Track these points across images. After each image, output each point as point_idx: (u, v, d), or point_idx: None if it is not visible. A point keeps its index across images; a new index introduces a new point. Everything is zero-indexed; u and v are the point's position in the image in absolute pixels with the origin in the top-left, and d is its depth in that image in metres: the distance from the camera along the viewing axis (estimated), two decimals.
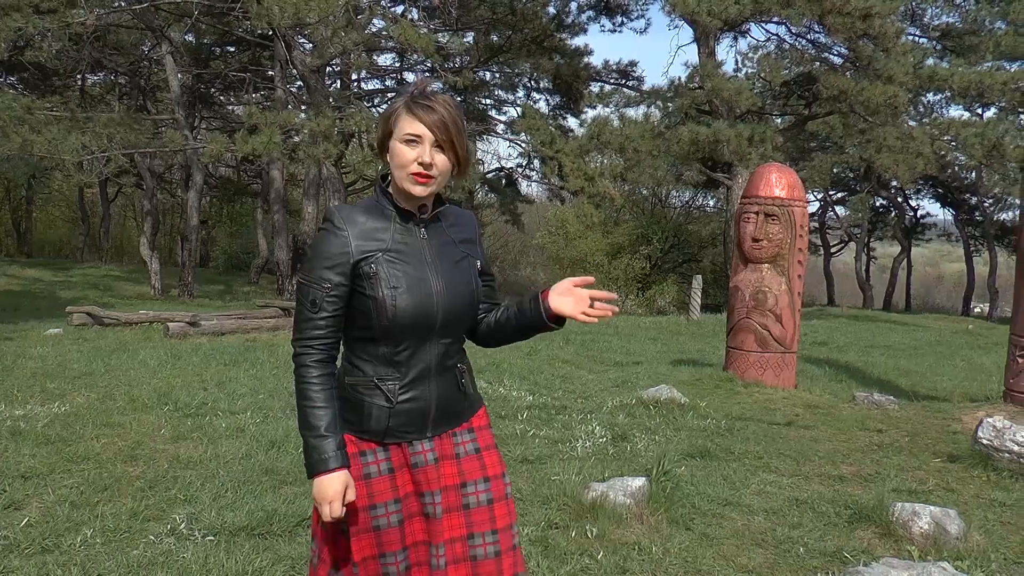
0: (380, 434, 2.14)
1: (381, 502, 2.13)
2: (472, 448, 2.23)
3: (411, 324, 2.09)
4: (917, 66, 17.97)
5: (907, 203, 35.34)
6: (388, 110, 2.15)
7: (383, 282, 2.07)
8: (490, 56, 22.14)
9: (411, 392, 2.13)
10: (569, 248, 23.57)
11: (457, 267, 2.17)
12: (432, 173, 2.07)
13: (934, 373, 11.33)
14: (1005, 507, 4.85)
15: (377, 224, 2.12)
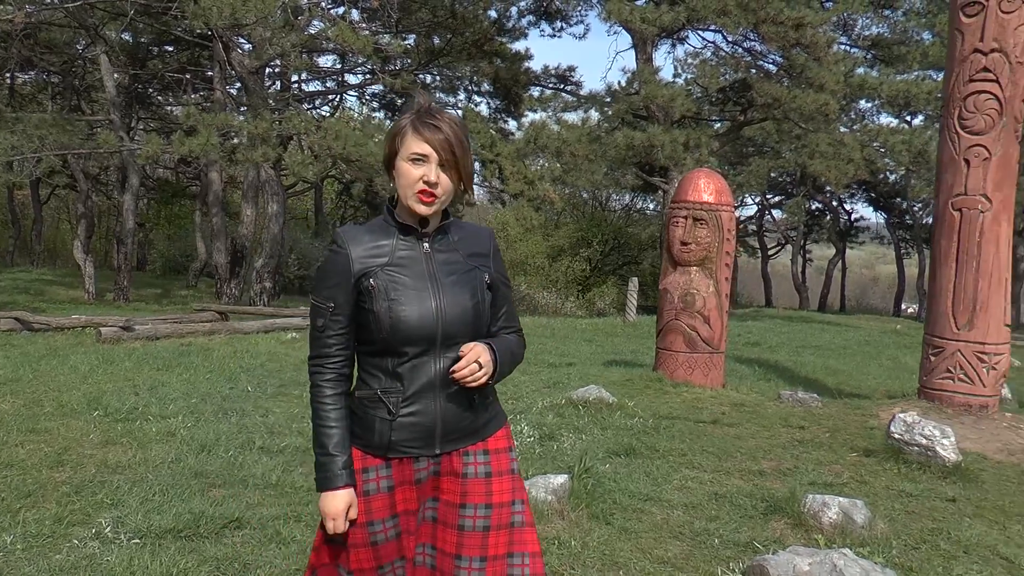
0: (383, 448, 2.15)
1: (379, 519, 2.15)
2: (483, 471, 2.20)
3: (409, 336, 2.10)
4: (848, 75, 18.48)
5: (841, 207, 36.23)
6: (394, 128, 2.17)
7: (380, 295, 2.10)
8: (430, 59, 22.16)
9: (414, 406, 2.13)
10: (510, 251, 23.67)
11: (460, 280, 2.17)
12: (437, 192, 2.09)
13: (860, 372, 11.67)
14: (912, 497, 5.08)
15: (380, 240, 2.15)
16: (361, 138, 16.27)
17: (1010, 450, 6.49)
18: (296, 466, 5.22)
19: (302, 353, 10.71)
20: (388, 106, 28.29)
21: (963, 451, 6.11)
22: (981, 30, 6.96)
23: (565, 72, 23.02)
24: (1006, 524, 4.76)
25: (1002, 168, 7.06)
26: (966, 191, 7.12)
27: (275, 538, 4.00)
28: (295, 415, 6.71)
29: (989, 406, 7.17)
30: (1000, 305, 7.18)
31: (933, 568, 3.94)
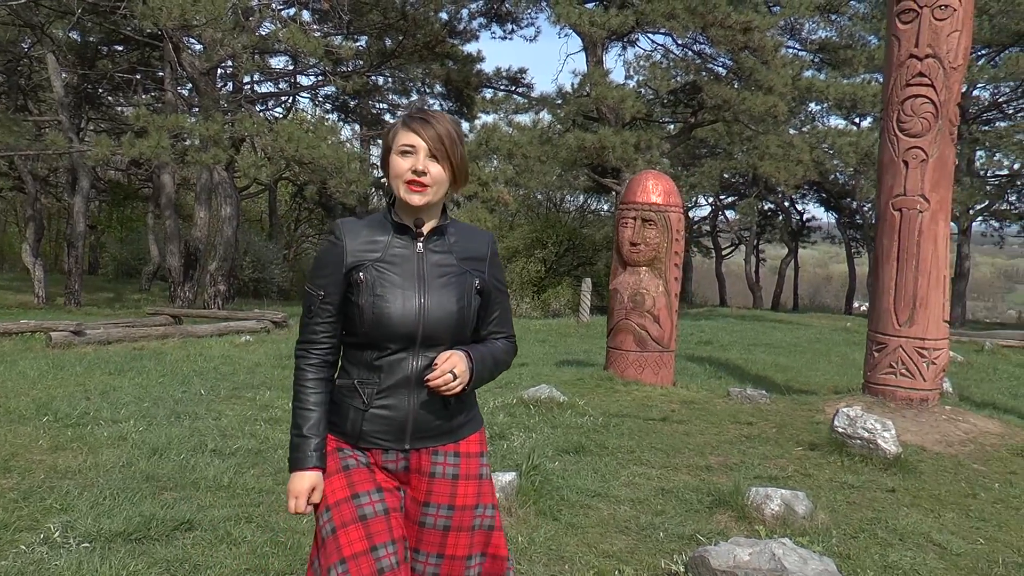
0: (355, 437, 2.20)
1: (363, 490, 2.16)
2: (451, 473, 2.23)
3: (390, 333, 2.14)
4: (796, 78, 18.81)
5: (793, 207, 36.82)
6: (387, 128, 2.24)
7: (367, 289, 2.14)
8: (382, 60, 22.12)
9: (387, 399, 2.17)
10: None
11: (449, 283, 2.20)
12: (426, 181, 2.13)
13: (810, 368, 11.91)
14: (853, 488, 5.24)
15: (376, 236, 2.20)
16: (313, 140, 16.23)
17: (948, 442, 6.70)
18: (248, 468, 5.23)
19: (256, 356, 10.68)
20: (341, 108, 28.19)
21: (904, 443, 6.30)
22: (916, 36, 7.17)
23: (516, 74, 23.15)
24: (941, 512, 4.93)
25: (939, 169, 7.28)
26: (905, 192, 7.32)
27: (226, 539, 4.02)
28: (248, 418, 6.71)
29: (929, 400, 7.38)
30: (939, 302, 7.39)
31: (870, 555, 4.08)
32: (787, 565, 3.32)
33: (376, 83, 25.90)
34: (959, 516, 4.91)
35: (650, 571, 3.70)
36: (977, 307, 71.69)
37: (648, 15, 16.87)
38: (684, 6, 16.38)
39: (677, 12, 16.42)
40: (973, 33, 21.44)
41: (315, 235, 34.01)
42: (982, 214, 30.56)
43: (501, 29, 23.12)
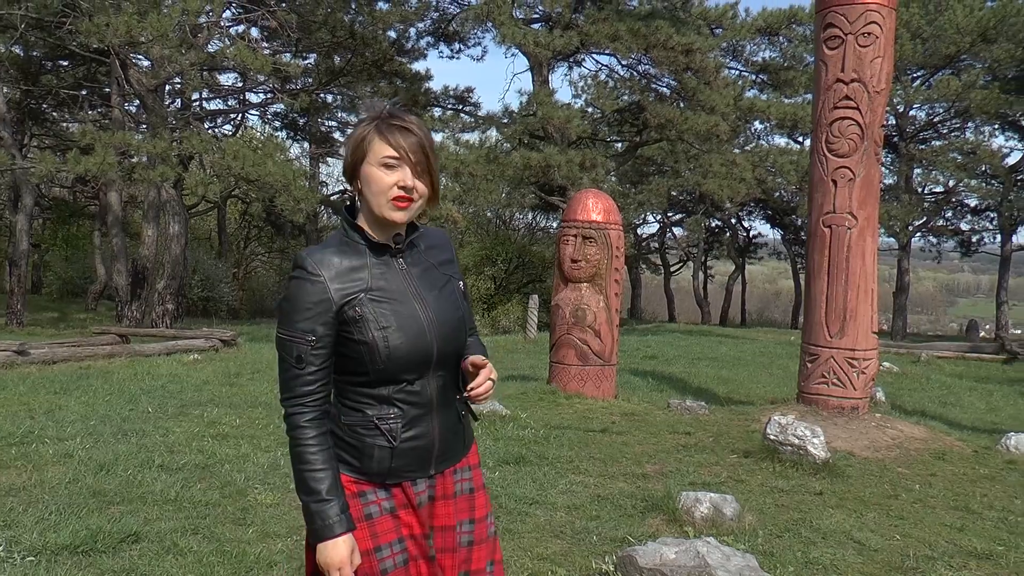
0: (383, 475, 2.02)
1: (386, 543, 2.01)
2: (468, 488, 2.15)
3: (407, 362, 1.98)
4: (738, 98, 19.33)
5: (739, 224, 37.51)
6: (356, 135, 2.01)
7: (371, 324, 1.95)
8: (331, 78, 22.25)
9: (414, 430, 2.01)
10: None
11: (443, 293, 2.07)
12: (414, 197, 1.98)
13: (751, 381, 12.23)
14: (783, 492, 5.48)
15: (353, 263, 1.99)
16: (261, 158, 16.27)
17: (876, 447, 7.00)
18: (195, 482, 5.31)
19: (204, 374, 10.68)
20: (290, 126, 28.20)
21: (833, 449, 6.58)
22: (842, 61, 7.52)
23: (463, 93, 23.38)
24: (863, 512, 5.19)
25: (865, 188, 7.62)
26: (835, 209, 7.65)
27: (172, 550, 4.11)
28: (196, 434, 6.75)
29: (860, 408, 7.69)
30: (867, 314, 7.71)
31: (792, 552, 4.30)
32: (710, 561, 3.52)
33: (325, 101, 25.97)
34: (880, 515, 5.18)
35: (582, 572, 3.88)
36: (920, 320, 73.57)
37: (592, 36, 17.25)
38: (627, 28, 16.77)
39: (621, 34, 16.80)
40: (908, 56, 22.25)
41: (264, 253, 33.84)
42: (920, 230, 31.42)
43: (448, 48, 23.40)
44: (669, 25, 17.09)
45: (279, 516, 4.74)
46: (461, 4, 21.52)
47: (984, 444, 7.62)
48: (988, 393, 12.82)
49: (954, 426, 8.81)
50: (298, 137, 29.01)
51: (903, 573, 4.21)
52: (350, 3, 20.35)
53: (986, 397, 12.34)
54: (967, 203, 32.26)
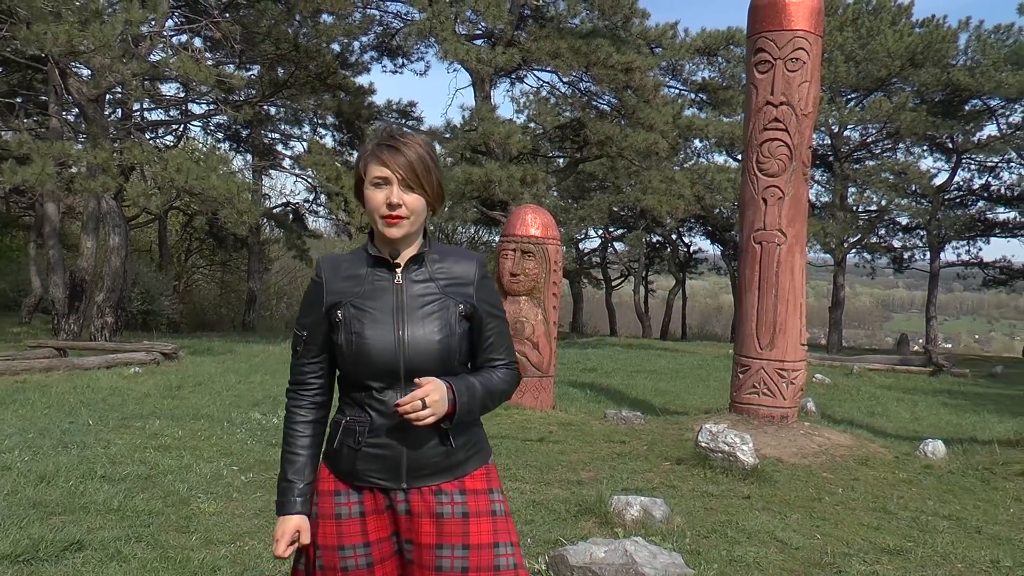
0: (349, 475, 2.14)
1: (349, 544, 2.12)
2: (460, 512, 2.13)
3: (371, 370, 2.08)
4: (677, 116, 19.76)
5: (680, 240, 38.12)
6: (358, 157, 2.16)
7: (344, 327, 2.10)
8: (275, 91, 22.16)
9: (378, 438, 2.10)
10: None
11: (429, 313, 2.12)
12: (402, 213, 2.07)
13: (688, 392, 12.53)
14: (713, 496, 5.72)
15: (356, 271, 2.14)
16: (203, 170, 16.16)
17: (803, 454, 7.30)
18: (138, 492, 5.36)
19: (145, 387, 10.63)
20: (233, 137, 27.99)
21: (763, 456, 6.86)
22: (771, 85, 7.86)
23: (406, 107, 23.46)
24: (788, 514, 5.46)
25: (794, 206, 7.96)
26: (765, 226, 7.97)
27: (116, 557, 4.18)
28: (138, 446, 6.78)
29: (789, 417, 8.01)
30: (796, 327, 8.04)
31: (717, 551, 4.53)
32: (637, 560, 3.72)
33: (268, 113, 25.85)
34: (803, 517, 5.44)
35: None
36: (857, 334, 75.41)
37: (534, 53, 17.54)
38: (568, 46, 17.09)
39: (561, 51, 17.11)
40: (843, 78, 22.92)
41: (206, 266, 33.42)
42: (855, 247, 32.31)
43: (392, 63, 23.47)
44: (609, 44, 17.44)
45: (223, 523, 4.82)
46: (405, 19, 21.69)
47: (905, 451, 7.99)
48: (913, 403, 13.33)
49: (879, 434, 9.19)
50: (241, 149, 28.81)
51: (821, 569, 4.46)
52: (294, 15, 20.33)
53: (911, 407, 12.82)
54: (899, 221, 33.27)
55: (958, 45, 27.69)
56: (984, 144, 29.23)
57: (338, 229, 28.14)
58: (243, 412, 8.53)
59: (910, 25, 28.13)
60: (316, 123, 26.33)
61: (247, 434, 7.41)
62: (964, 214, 32.03)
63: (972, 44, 27.89)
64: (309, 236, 27.20)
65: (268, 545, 4.39)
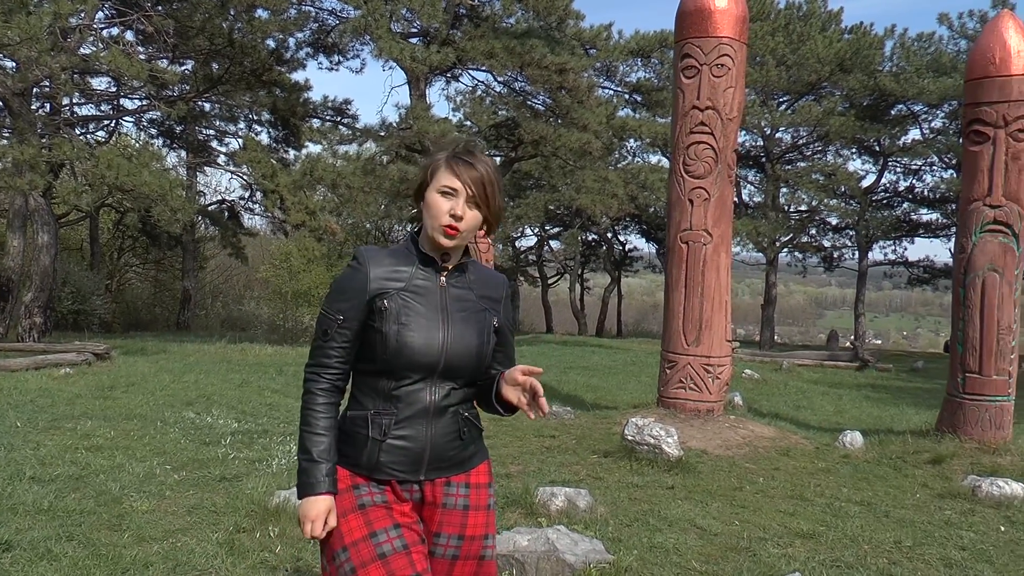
0: (370, 468, 2.18)
1: (381, 528, 2.15)
2: (462, 504, 2.25)
3: (412, 362, 2.15)
4: (610, 117, 20.06)
5: (615, 238, 38.56)
6: (428, 161, 2.25)
7: (392, 317, 2.15)
8: (209, 87, 21.87)
9: (405, 430, 2.17)
10: (294, 282, 23.60)
11: (470, 318, 2.22)
12: (460, 227, 2.15)
13: (619, 388, 12.79)
14: (637, 487, 5.93)
15: (400, 266, 2.21)
16: (135, 167, 15.93)
17: (727, 445, 7.57)
18: (69, 493, 5.35)
19: (76, 388, 10.48)
20: (167, 133, 27.49)
21: (688, 448, 7.10)
22: (698, 90, 8.12)
23: (342, 105, 23.32)
24: (709, 503, 5.69)
25: (719, 207, 8.23)
26: (691, 227, 8.23)
27: (46, 555, 4.20)
28: (68, 447, 6.73)
29: (715, 410, 8.28)
30: (722, 324, 8.31)
31: (639, 538, 4.73)
32: (559, 546, 3.89)
33: (203, 109, 25.47)
34: (724, 505, 5.68)
35: None
36: (792, 331, 77.03)
37: (469, 52, 17.64)
38: (503, 46, 17.23)
39: (496, 51, 17.24)
40: (775, 82, 23.42)
41: (140, 265, 32.79)
42: (787, 246, 33.07)
43: (328, 60, 23.32)
44: (544, 44, 17.64)
45: (155, 521, 4.86)
46: (340, 16, 21.57)
47: (825, 442, 8.33)
48: (838, 397, 13.81)
49: (803, 427, 9.53)
50: (175, 145, 28.34)
51: (737, 553, 4.68)
52: (228, 10, 20.09)
53: (836, 401, 13.28)
54: (829, 221, 34.11)
55: (884, 52, 28.57)
56: (909, 148, 30.16)
57: (274, 227, 27.88)
58: (176, 411, 8.51)
59: (839, 31, 28.92)
60: (252, 120, 26.02)
61: (180, 433, 7.41)
62: (890, 215, 32.98)
63: (897, 51, 28.82)
64: (245, 234, 26.89)
65: (202, 542, 4.45)
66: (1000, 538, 5.31)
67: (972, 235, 7.92)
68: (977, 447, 7.70)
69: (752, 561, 4.52)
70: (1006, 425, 7.88)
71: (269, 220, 26.31)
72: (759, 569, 4.27)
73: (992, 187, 7.80)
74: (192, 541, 4.51)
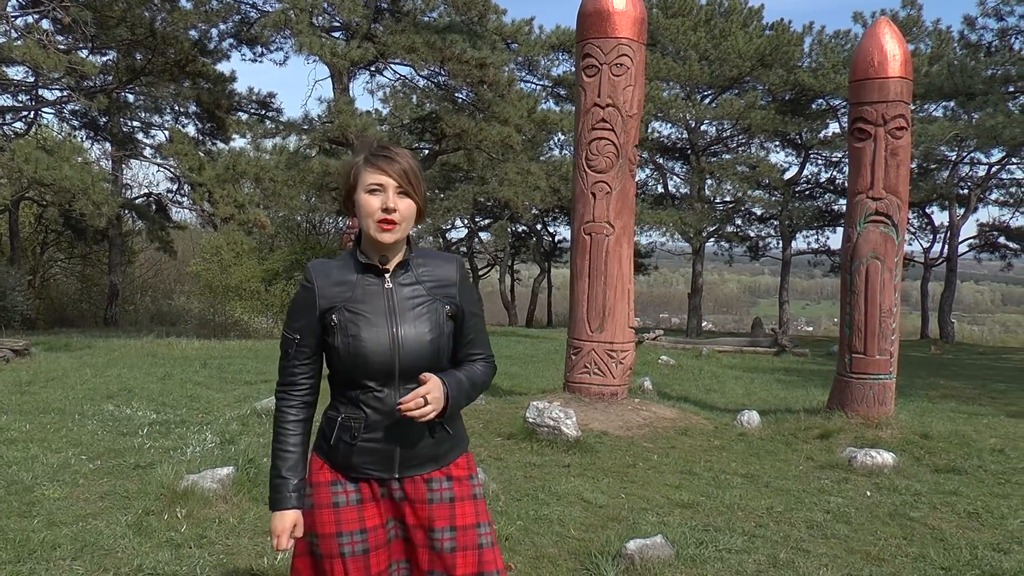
0: (344, 468, 2.30)
1: (347, 531, 2.28)
2: (447, 496, 2.34)
3: (368, 370, 2.23)
4: (531, 110, 20.39)
5: (545, 229, 39.04)
6: (347, 166, 2.32)
7: (341, 330, 2.23)
8: (132, 78, 21.62)
9: (373, 433, 2.27)
10: (225, 276, 23.49)
11: (420, 314, 2.28)
12: (396, 219, 2.22)
13: (537, 376, 13.16)
14: (535, 466, 6.29)
15: (346, 276, 2.28)
16: (56, 161, 15.77)
17: (628, 427, 7.97)
18: None
19: None
20: (90, 125, 27.03)
21: (589, 430, 7.48)
22: (599, 88, 8.48)
23: (266, 98, 23.27)
24: (600, 479, 6.07)
25: (621, 200, 8.61)
26: (594, 219, 8.60)
27: None
28: None
29: (619, 394, 8.68)
30: (624, 311, 8.71)
31: (526, 511, 5.08)
32: None
33: (126, 100, 25.12)
34: (615, 481, 6.07)
35: None
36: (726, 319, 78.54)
37: (390, 47, 17.79)
38: (424, 41, 17.43)
39: (417, 46, 17.43)
40: (698, 77, 24.00)
41: (64, 259, 32.15)
42: (713, 236, 33.86)
43: (251, 51, 23.20)
44: (464, 39, 17.87)
45: (66, 507, 5.01)
46: (261, 9, 21.49)
47: (724, 421, 8.79)
48: (750, 381, 14.36)
49: (709, 408, 9.98)
50: (98, 137, 27.86)
51: (618, 523, 5.06)
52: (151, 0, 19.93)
53: (747, 384, 13.82)
54: (753, 212, 35.02)
55: (803, 48, 29.45)
56: (828, 141, 31.10)
57: (203, 220, 27.61)
58: (96, 404, 8.59)
59: (760, 28, 29.73)
60: (178, 112, 25.74)
61: (98, 425, 7.52)
62: (812, 206, 34.02)
63: (815, 48, 29.74)
64: (173, 227, 26.61)
65: (111, 524, 4.64)
66: (864, 502, 5.80)
67: (857, 225, 8.45)
68: (862, 422, 8.23)
69: (629, 529, 4.89)
70: (888, 401, 8.44)
71: (198, 214, 26.05)
72: (630, 534, 4.64)
73: (874, 181, 8.33)
74: (102, 524, 4.68)
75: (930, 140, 24.03)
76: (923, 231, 35.34)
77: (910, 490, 6.17)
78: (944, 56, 26.89)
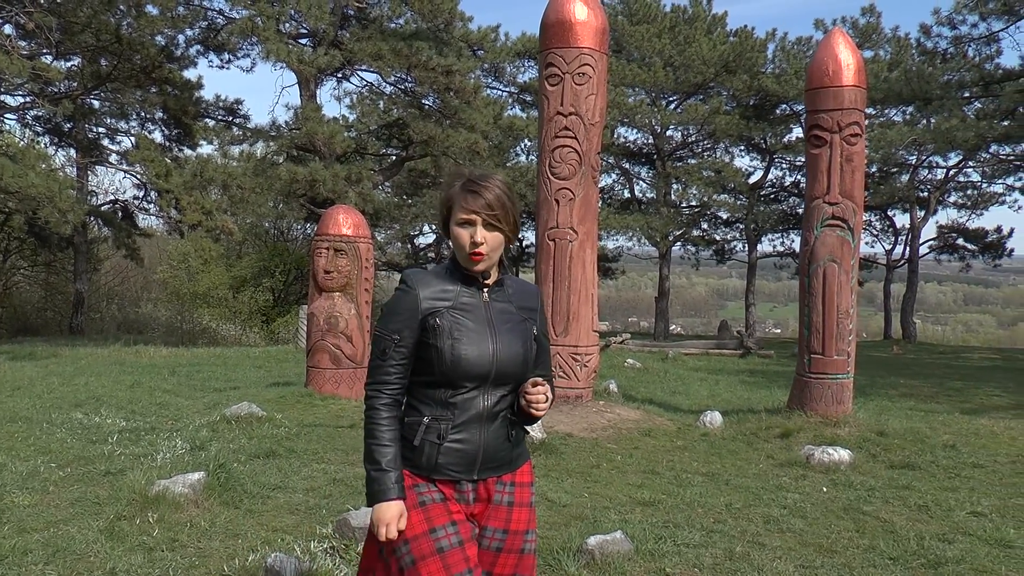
0: (430, 469, 2.39)
1: (440, 524, 2.35)
2: (507, 500, 2.45)
3: (468, 372, 2.36)
4: (497, 117, 20.54)
5: None
6: (445, 196, 2.46)
7: (445, 333, 2.36)
8: (97, 84, 21.48)
9: (461, 434, 2.38)
10: (192, 283, 23.40)
11: (514, 329, 2.45)
12: (483, 251, 2.37)
13: None
14: None
15: (445, 285, 2.42)
16: (21, 169, 15.67)
17: (592, 428, 8.14)
18: None
19: None
20: (55, 131, 26.80)
21: (554, 432, 7.64)
22: (561, 97, 8.66)
23: (233, 104, 23.21)
24: (564, 479, 6.22)
25: (584, 207, 8.78)
26: (558, 225, 8.77)
27: None
28: None
29: (584, 396, 8.84)
30: (588, 315, 8.88)
31: None
32: None
33: (92, 107, 24.93)
34: (578, 481, 6.22)
35: (307, 536, 4.58)
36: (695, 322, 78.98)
37: (357, 54, 17.90)
38: (390, 48, 17.53)
39: (383, 53, 17.54)
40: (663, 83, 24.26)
41: (28, 267, 31.73)
42: (679, 240, 34.16)
43: (218, 58, 23.16)
44: (431, 46, 18.00)
45: (37, 514, 5.04)
46: (228, 17, 21.47)
47: (688, 422, 8.98)
48: (715, 382, 14.60)
49: (673, 410, 10.18)
50: (63, 144, 27.61)
51: (580, 520, 5.21)
52: (117, 5, 19.79)
53: (712, 386, 14.06)
54: (719, 216, 35.34)
55: (767, 54, 29.87)
56: (792, 146, 31.52)
57: (170, 227, 27.45)
58: (64, 413, 8.60)
59: (724, 34, 30.10)
60: (144, 118, 25.60)
61: (67, 433, 7.53)
62: (777, 209, 34.41)
63: (778, 54, 30.18)
64: (140, 234, 26.43)
65: (83, 530, 4.70)
66: (820, 497, 6.00)
67: (814, 229, 8.69)
68: (821, 421, 8.46)
69: (591, 527, 5.04)
70: (846, 400, 8.68)
71: (165, 220, 25.91)
72: (591, 531, 4.79)
73: (830, 186, 8.58)
74: (73, 530, 4.72)
75: (890, 144, 24.49)
76: (885, 234, 35.89)
77: (864, 485, 6.39)
78: (903, 62, 27.41)
